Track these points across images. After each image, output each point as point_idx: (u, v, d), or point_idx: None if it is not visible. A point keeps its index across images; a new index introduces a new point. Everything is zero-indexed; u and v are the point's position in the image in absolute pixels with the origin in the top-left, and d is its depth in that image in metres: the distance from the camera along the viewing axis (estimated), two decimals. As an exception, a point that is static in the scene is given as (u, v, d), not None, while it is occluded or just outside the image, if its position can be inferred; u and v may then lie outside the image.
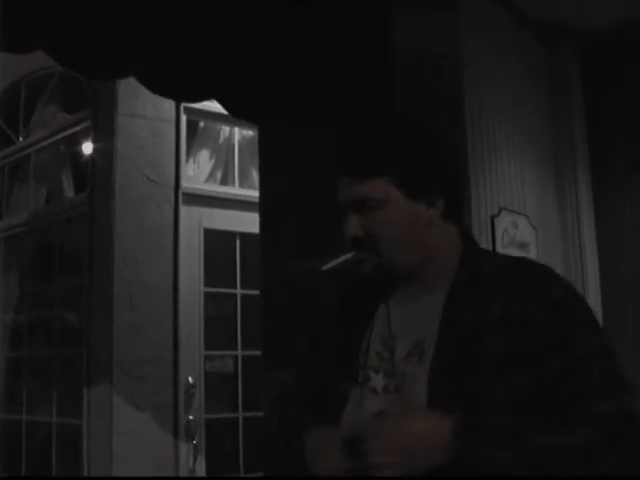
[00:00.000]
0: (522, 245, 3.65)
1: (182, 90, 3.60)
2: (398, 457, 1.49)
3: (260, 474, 4.52)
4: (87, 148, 5.24)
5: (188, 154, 5.21)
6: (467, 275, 1.68)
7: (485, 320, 1.59)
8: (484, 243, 3.38)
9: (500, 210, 3.55)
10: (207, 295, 5.07)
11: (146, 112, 4.85)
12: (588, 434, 1.48)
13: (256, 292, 4.39)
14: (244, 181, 5.48)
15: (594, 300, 3.98)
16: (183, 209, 4.96)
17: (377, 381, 1.66)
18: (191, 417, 4.80)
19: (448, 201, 1.69)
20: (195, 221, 5.04)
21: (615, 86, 4.12)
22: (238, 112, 3.79)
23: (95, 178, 4.97)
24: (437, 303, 1.66)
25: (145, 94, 4.62)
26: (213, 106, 4.86)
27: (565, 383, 1.52)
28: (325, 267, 1.72)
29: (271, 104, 3.63)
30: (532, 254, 3.70)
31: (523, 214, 3.72)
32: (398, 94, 3.47)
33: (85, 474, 4.65)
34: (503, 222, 3.56)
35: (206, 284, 5.07)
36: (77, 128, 5.38)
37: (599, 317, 3.97)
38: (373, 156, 1.66)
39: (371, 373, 1.68)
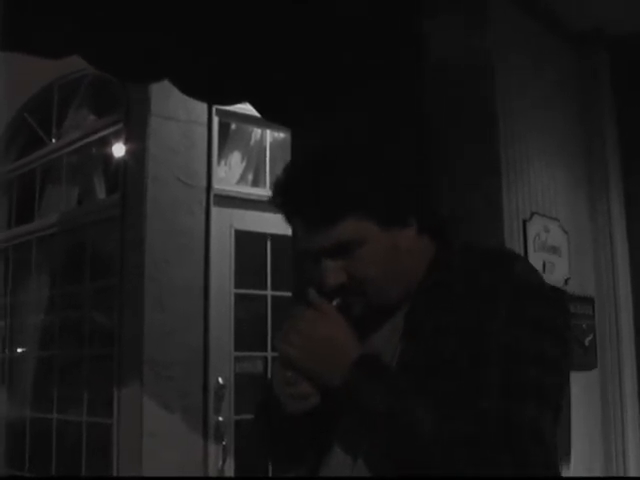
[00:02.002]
0: (553, 249, 3.65)
1: (215, 93, 3.62)
2: (299, 352, 1.50)
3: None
4: (119, 150, 5.27)
5: (220, 156, 5.22)
6: (430, 280, 1.59)
7: (444, 326, 1.50)
8: (516, 247, 3.38)
9: (532, 214, 3.55)
10: (238, 296, 5.08)
11: (178, 114, 4.88)
12: (464, 425, 1.38)
13: (287, 294, 4.40)
14: (275, 183, 5.47)
15: (625, 303, 3.97)
16: (214, 211, 4.96)
17: None
18: (220, 418, 4.81)
19: (420, 215, 1.59)
20: (226, 223, 5.05)
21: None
22: (271, 115, 3.79)
23: (127, 180, 4.99)
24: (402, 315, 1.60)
25: (177, 97, 4.64)
26: (245, 108, 4.87)
27: (467, 373, 1.43)
28: None
29: (303, 108, 3.63)
30: (563, 258, 3.70)
31: (555, 218, 3.72)
32: (429, 101, 3.47)
33: (114, 474, 4.67)
34: (535, 226, 3.56)
35: (237, 285, 5.07)
36: (109, 130, 5.41)
37: (628, 320, 3.96)
38: (338, 195, 1.49)
39: None
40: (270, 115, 3.79)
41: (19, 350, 6.20)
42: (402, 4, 3.57)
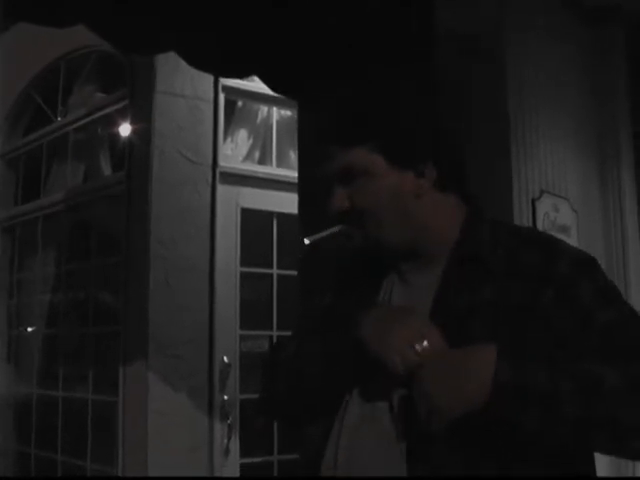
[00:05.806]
0: (563, 229, 3.61)
1: (223, 65, 3.57)
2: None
3: (295, 456, 4.49)
4: (125, 127, 5.23)
5: (226, 133, 5.19)
6: (464, 253, 1.58)
7: (478, 305, 1.49)
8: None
9: (541, 193, 3.51)
10: (243, 275, 5.05)
11: (184, 91, 4.83)
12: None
13: (292, 272, 4.37)
14: (282, 161, 5.45)
15: (636, 283, 3.93)
16: (220, 188, 4.93)
17: None
18: (226, 397, 4.80)
19: (442, 169, 1.59)
20: (232, 201, 5.02)
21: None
22: (278, 87, 3.74)
23: (132, 157, 4.96)
24: (433, 283, 1.57)
25: (183, 73, 4.62)
26: (251, 85, 4.85)
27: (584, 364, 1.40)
28: (309, 239, 1.67)
29: (312, 80, 3.58)
30: (573, 238, 3.66)
31: (564, 197, 3.67)
32: (439, 74, 3.43)
33: (120, 452, 4.67)
34: (544, 205, 3.51)
35: (242, 264, 5.05)
36: (115, 107, 5.37)
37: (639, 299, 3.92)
38: (354, 121, 1.59)
39: None
40: (278, 87, 3.74)
41: (26, 328, 6.19)
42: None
